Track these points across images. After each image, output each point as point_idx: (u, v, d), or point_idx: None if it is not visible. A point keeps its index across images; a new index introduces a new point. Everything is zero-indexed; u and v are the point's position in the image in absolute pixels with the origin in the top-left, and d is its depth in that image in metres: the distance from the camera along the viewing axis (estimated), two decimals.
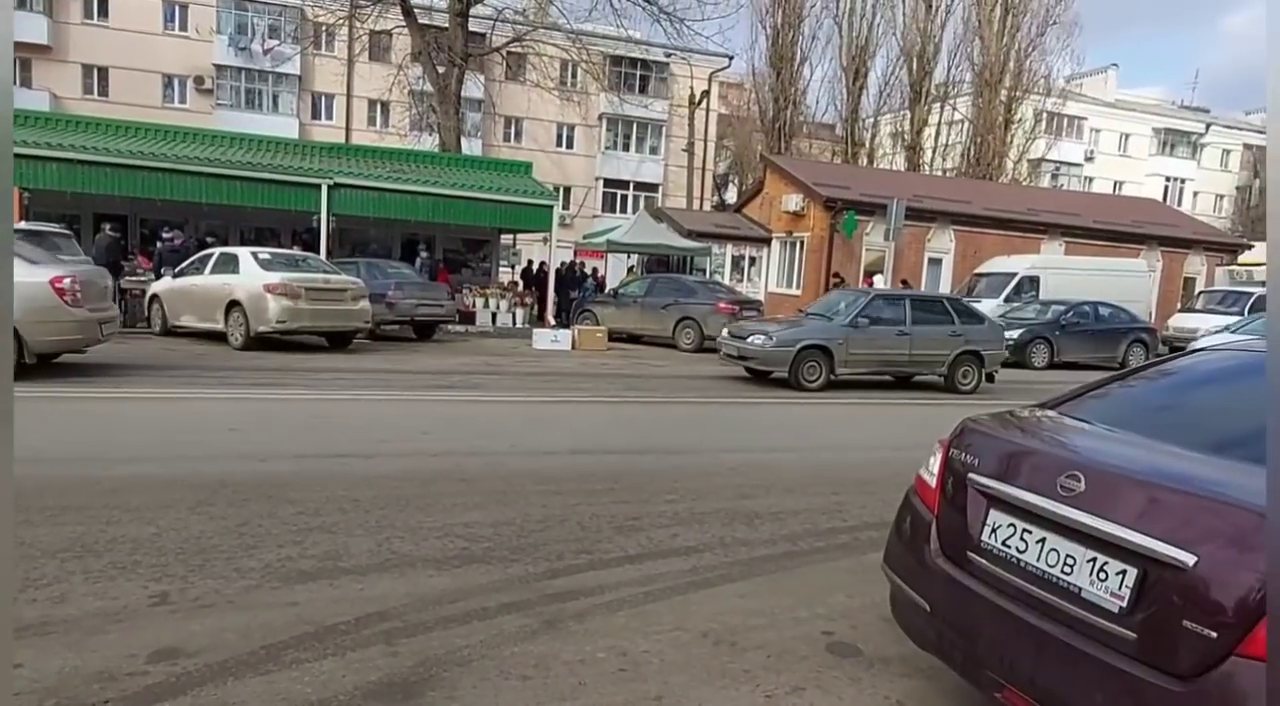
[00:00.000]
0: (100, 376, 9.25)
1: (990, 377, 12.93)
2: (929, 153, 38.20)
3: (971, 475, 2.58)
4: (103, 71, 32.82)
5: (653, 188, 39.53)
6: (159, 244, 16.49)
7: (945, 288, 24.45)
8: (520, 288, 21.64)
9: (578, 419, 8.77)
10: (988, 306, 19.71)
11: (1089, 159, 46.30)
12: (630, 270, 25.32)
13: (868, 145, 39.11)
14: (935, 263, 25.07)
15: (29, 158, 15.30)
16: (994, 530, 2.45)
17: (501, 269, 23.62)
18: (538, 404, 9.47)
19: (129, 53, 32.42)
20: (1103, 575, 2.07)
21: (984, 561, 2.46)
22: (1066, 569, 2.18)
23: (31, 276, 8.50)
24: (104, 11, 32.66)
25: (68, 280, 8.75)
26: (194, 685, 2.76)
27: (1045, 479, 2.30)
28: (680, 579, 4.02)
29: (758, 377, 12.25)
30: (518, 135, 38.15)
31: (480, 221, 19.27)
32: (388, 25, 24.36)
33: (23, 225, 13.66)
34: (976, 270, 22.59)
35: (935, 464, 2.84)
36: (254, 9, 33.71)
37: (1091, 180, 45.80)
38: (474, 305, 19.58)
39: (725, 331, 12.85)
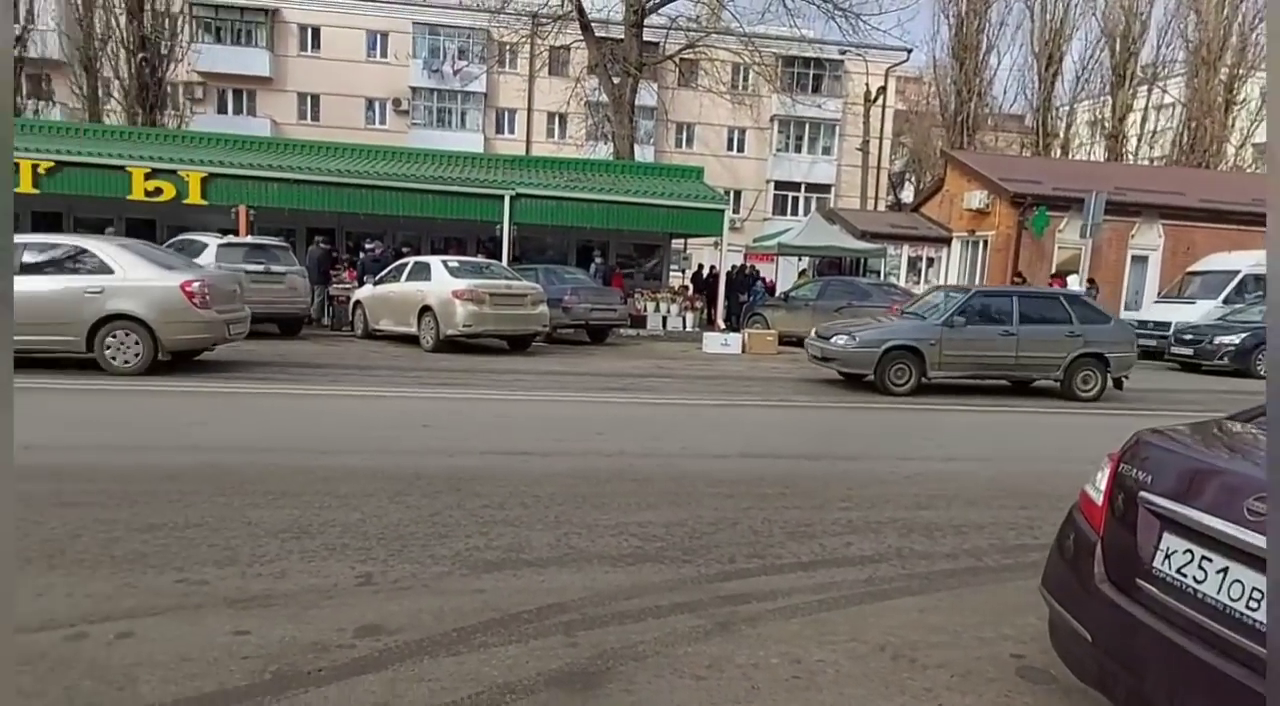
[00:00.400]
0: (311, 375, 10.20)
1: (1118, 384, 11.68)
2: (1133, 141, 34.96)
3: (1144, 493, 2.34)
4: (315, 98, 36.23)
5: (825, 189, 38.68)
6: (362, 254, 17.98)
7: (1152, 288, 22.26)
8: (690, 292, 21.81)
9: (748, 422, 8.71)
10: (1202, 308, 17.76)
11: None
12: (801, 273, 24.89)
13: (1062, 135, 36.33)
14: (1140, 261, 22.90)
15: (254, 178, 17.16)
16: (1168, 556, 2.22)
17: (672, 273, 23.92)
18: (709, 407, 9.50)
19: (337, 80, 35.61)
20: None
21: (1155, 589, 2.23)
22: (1252, 604, 1.93)
23: (165, 281, 9.53)
24: (316, 44, 36.06)
25: (196, 284, 9.59)
26: (394, 660, 2.97)
27: (1231, 501, 2.04)
28: (855, 589, 3.89)
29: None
30: (689, 140, 38.52)
31: (652, 227, 19.64)
32: (566, 40, 25.33)
33: (249, 239, 15.34)
34: (1189, 268, 20.37)
35: (1103, 479, 2.58)
36: (445, 33, 36.06)
37: None
38: (645, 309, 19.93)
39: (813, 332, 12.18)
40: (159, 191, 16.71)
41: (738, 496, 5.36)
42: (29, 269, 9.20)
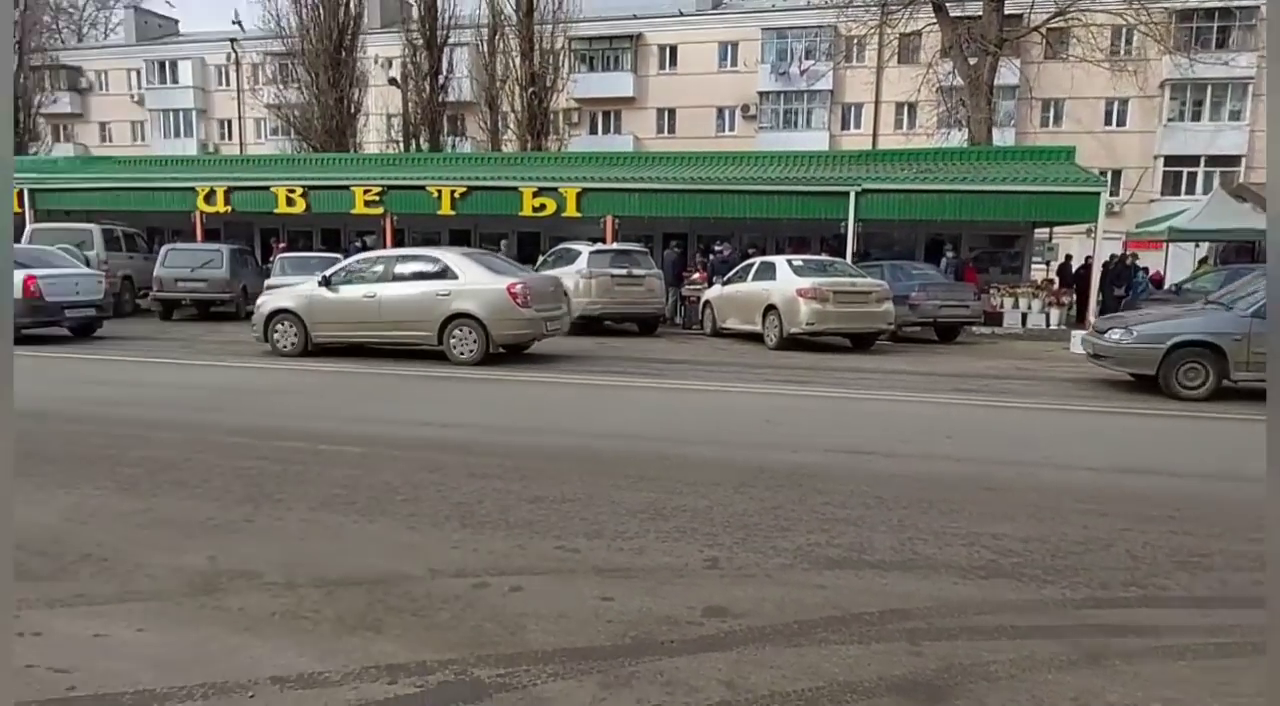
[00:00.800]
0: (665, 370, 10.97)
1: None
2: None
3: None
4: (671, 112, 38.74)
5: (1232, 161, 32.42)
6: (711, 256, 18.88)
7: None
8: (1056, 286, 19.65)
9: (1126, 432, 7.65)
10: None
11: None
12: (1202, 262, 21.15)
13: None
14: None
15: (619, 191, 18.86)
16: None
17: (1034, 266, 21.76)
18: (1076, 413, 8.50)
19: (691, 93, 37.73)
20: None
21: None
22: None
23: (494, 284, 10.94)
24: (674, 61, 38.53)
25: (519, 286, 10.88)
26: (738, 643, 3.11)
27: None
28: (1263, 636, 3.24)
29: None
30: (1057, 118, 34.68)
31: (1012, 216, 18.04)
32: (917, 25, 24.20)
33: (615, 246, 16.89)
34: None
35: None
36: (793, 35, 36.46)
37: None
38: (1001, 306, 18.37)
39: (1092, 325, 10.20)
40: (543, 207, 19.09)
41: (1112, 515, 4.75)
42: (400, 278, 11.36)
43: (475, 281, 11.05)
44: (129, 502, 4.76)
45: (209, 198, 20.87)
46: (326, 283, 11.63)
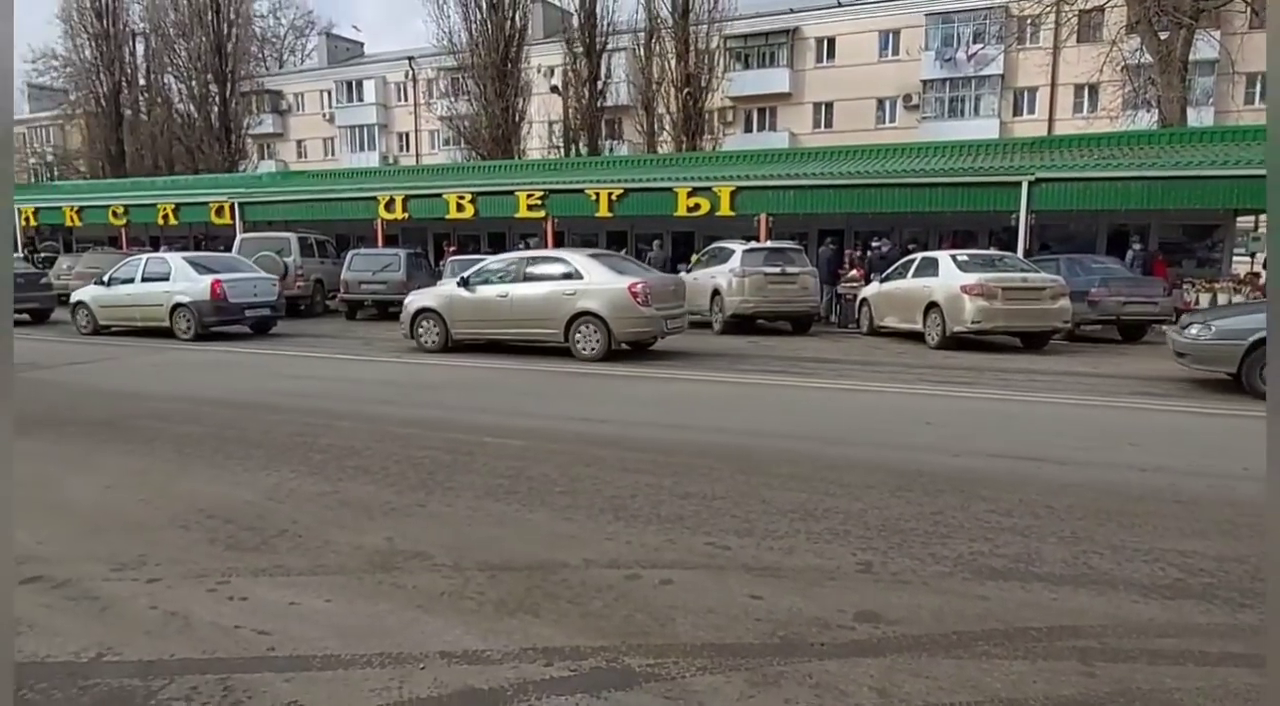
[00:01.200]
0: (819, 369, 10.76)
1: None
2: None
3: None
4: (828, 106, 37.85)
5: None
6: (868, 252, 18.32)
7: None
8: (1261, 280, 17.61)
9: None
10: None
11: None
12: None
13: None
14: None
15: (773, 188, 18.65)
16: None
17: (1236, 258, 19.63)
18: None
19: (850, 85, 36.69)
20: None
21: None
22: None
23: (616, 284, 11.35)
24: (831, 54, 37.61)
25: (640, 286, 11.24)
26: (892, 650, 3.03)
27: None
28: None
29: None
30: (1264, 94, 31.01)
31: (1209, 203, 16.31)
32: (1100, 1, 22.41)
33: (769, 244, 16.73)
34: None
35: None
36: (959, 19, 34.70)
37: None
38: (1196, 302, 16.70)
39: (1179, 320, 9.41)
40: (697, 207, 19.20)
41: None
42: (530, 278, 11.95)
43: (599, 281, 11.46)
44: (319, 485, 5.23)
45: (388, 206, 22.46)
46: (465, 283, 12.36)
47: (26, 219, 28.05)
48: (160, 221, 25.98)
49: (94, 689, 2.81)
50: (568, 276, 11.70)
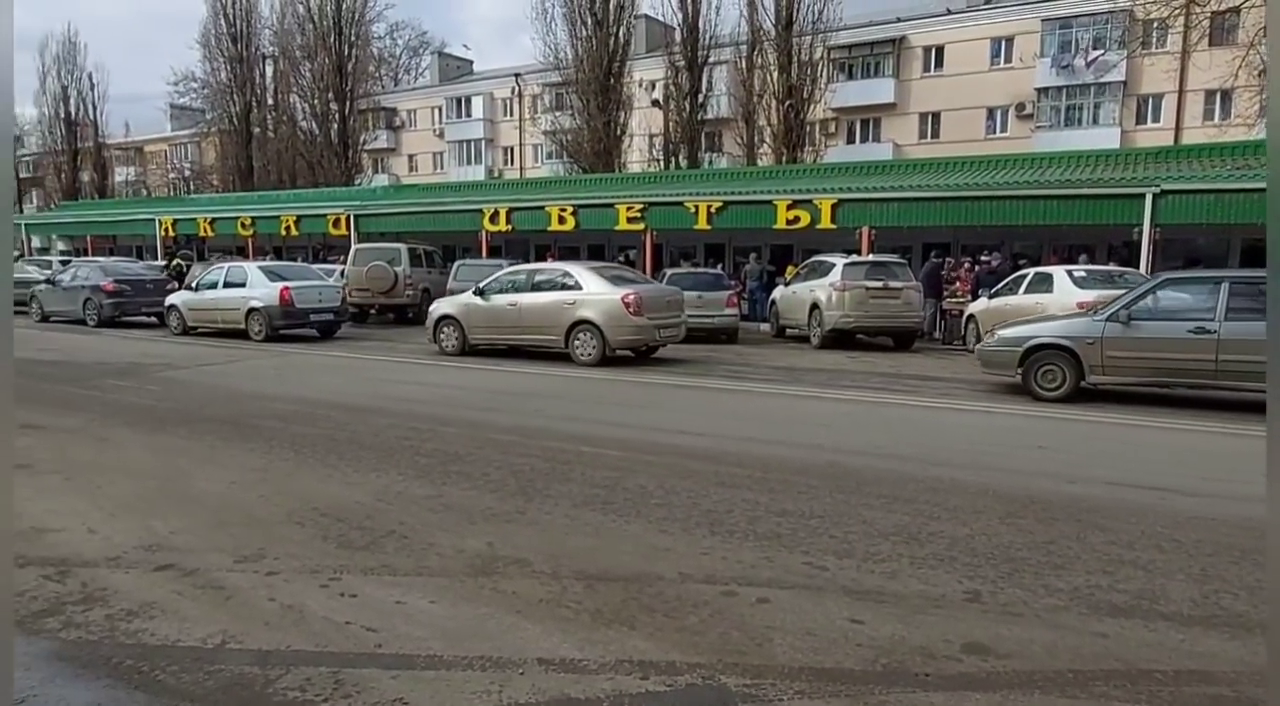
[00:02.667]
0: (921, 387, 10.43)
1: None
2: None
3: None
4: (935, 116, 36.79)
5: None
6: (976, 267, 17.67)
7: None
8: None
9: None
10: None
11: None
12: None
13: None
14: None
15: (876, 201, 18.25)
16: None
17: None
18: None
19: (958, 95, 35.59)
20: None
21: None
22: None
23: (611, 294, 12.14)
24: (939, 63, 36.59)
25: (633, 297, 12.07)
26: (1002, 686, 2.89)
27: None
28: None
29: None
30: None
31: None
32: (1234, 1, 21.04)
33: (871, 257, 16.37)
34: None
35: None
36: (1078, 24, 33.21)
37: None
38: None
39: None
40: (797, 219, 18.97)
41: None
42: (537, 288, 12.88)
43: (596, 292, 12.28)
44: (424, 488, 5.41)
45: (493, 217, 23.11)
46: (480, 293, 13.29)
47: (166, 229, 30.18)
48: (283, 232, 27.50)
49: (219, 674, 2.98)
50: (569, 287, 12.58)
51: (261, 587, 3.76)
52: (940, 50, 36.44)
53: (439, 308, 14.03)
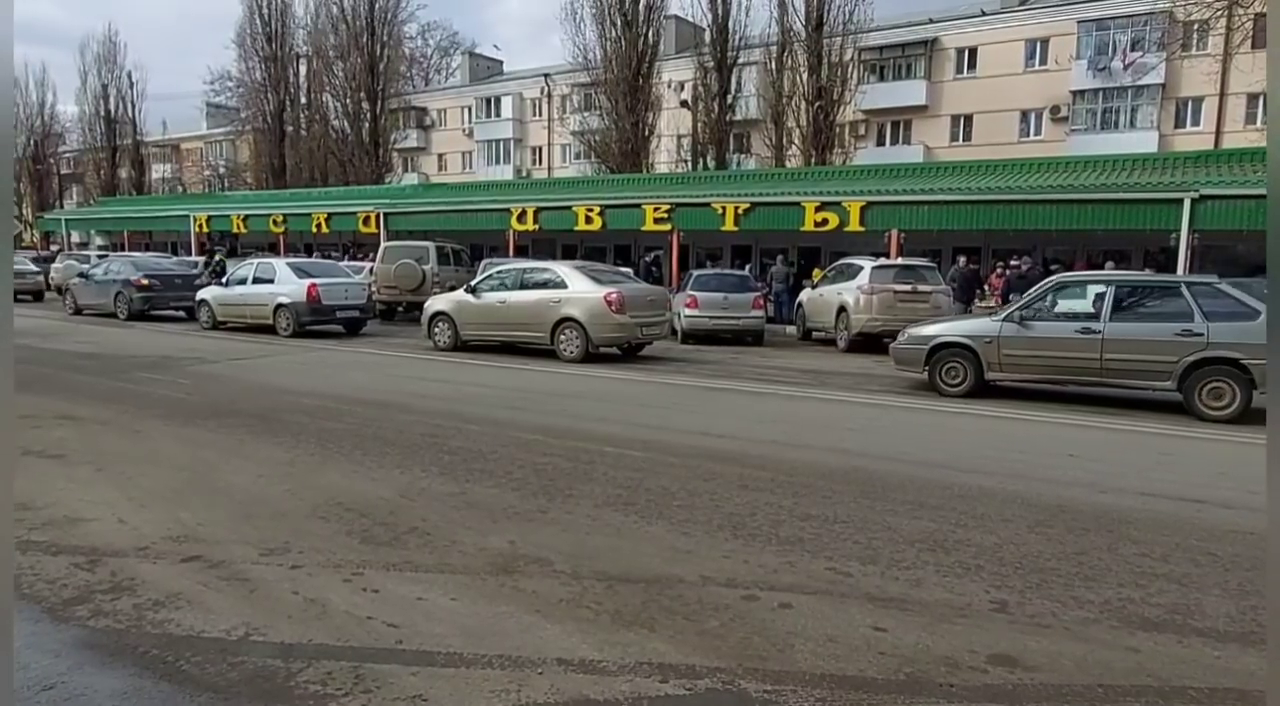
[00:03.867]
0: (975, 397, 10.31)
1: None
2: None
3: None
4: (967, 119, 36.36)
5: None
6: (1008, 271, 17.45)
7: None
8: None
9: None
10: None
11: None
12: None
13: None
14: None
15: (905, 203, 18.07)
16: None
17: None
18: None
19: (991, 97, 35.15)
20: None
21: None
22: None
23: (594, 293, 12.46)
24: (972, 65, 36.16)
25: (615, 295, 12.38)
26: (1029, 698, 2.83)
27: None
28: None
29: None
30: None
31: None
32: None
33: (900, 261, 16.21)
34: None
35: None
36: (1115, 26, 32.67)
37: None
38: None
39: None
40: (825, 221, 18.86)
41: None
42: (525, 286, 13.20)
43: (580, 291, 12.63)
44: (448, 485, 5.43)
45: (520, 217, 23.22)
46: (472, 290, 13.69)
47: (200, 225, 30.66)
48: (314, 230, 27.85)
49: (241, 666, 3.00)
50: (554, 285, 12.92)
51: (285, 581, 3.78)
52: (974, 52, 36.01)
53: (434, 304, 14.44)
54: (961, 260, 18.39)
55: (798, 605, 3.58)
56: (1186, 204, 15.25)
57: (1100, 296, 9.29)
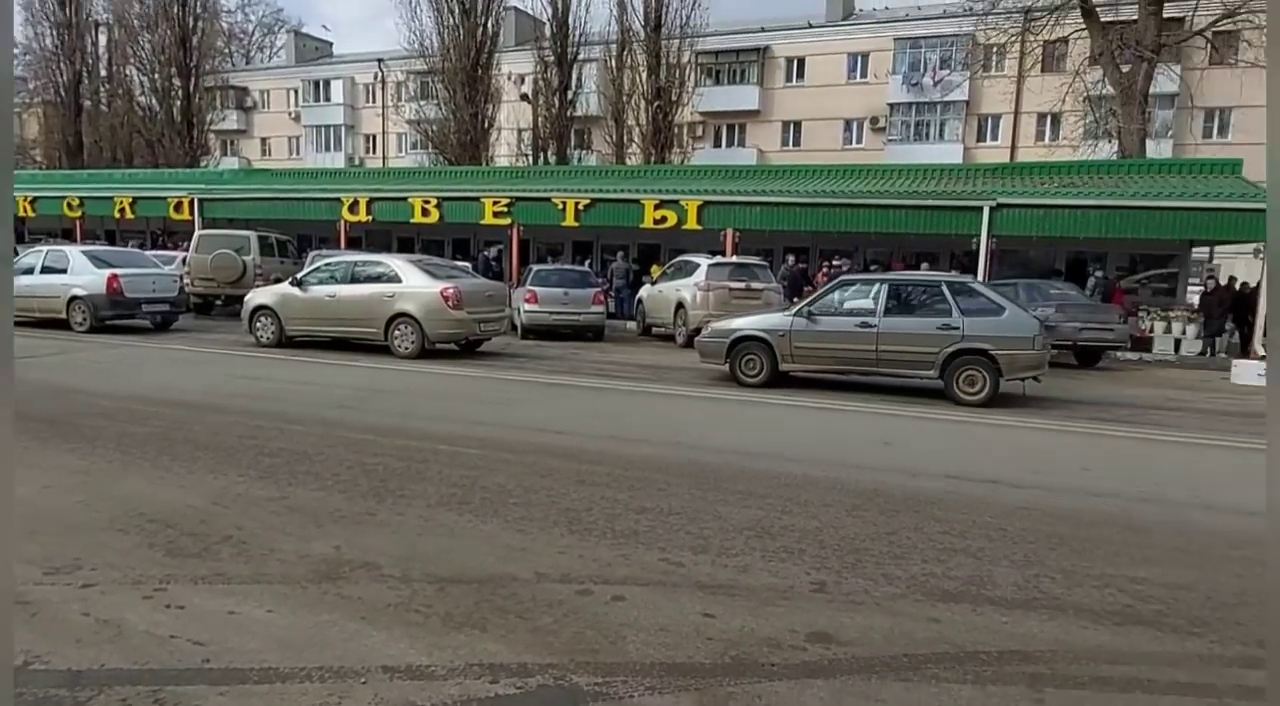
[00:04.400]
0: (776, 387, 10.82)
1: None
2: None
3: None
4: (796, 125, 38.28)
5: None
6: (830, 270, 18.48)
7: None
8: (1195, 310, 18.00)
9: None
10: None
11: None
12: None
13: None
14: None
15: (740, 204, 18.77)
16: None
17: (1191, 288, 20.17)
18: (1233, 449, 7.79)
19: (818, 106, 37.17)
20: None
21: None
22: None
23: (430, 287, 12.17)
24: (800, 74, 38.07)
25: (451, 290, 12.14)
26: (842, 672, 3.01)
27: None
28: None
29: None
30: (1221, 129, 32.08)
31: (1165, 234, 16.75)
32: (1064, 32, 22.99)
33: (734, 259, 16.82)
34: None
35: None
36: (927, 44, 35.36)
37: None
38: (1151, 330, 17.13)
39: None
40: (664, 219, 19.25)
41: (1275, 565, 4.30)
42: (356, 280, 12.73)
43: (415, 285, 12.29)
44: (267, 490, 5.09)
45: (352, 207, 22.18)
46: (298, 283, 13.12)
47: None
48: (116, 215, 25.38)
49: (20, 698, 2.68)
50: (388, 279, 12.55)
51: (75, 601, 3.42)
52: (802, 62, 37.93)
53: (254, 298, 13.60)
54: (791, 259, 19.35)
55: (631, 597, 3.62)
56: (986, 211, 16.75)
57: (877, 294, 10.14)
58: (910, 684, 2.93)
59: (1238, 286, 18.67)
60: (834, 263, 18.85)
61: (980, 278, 16.04)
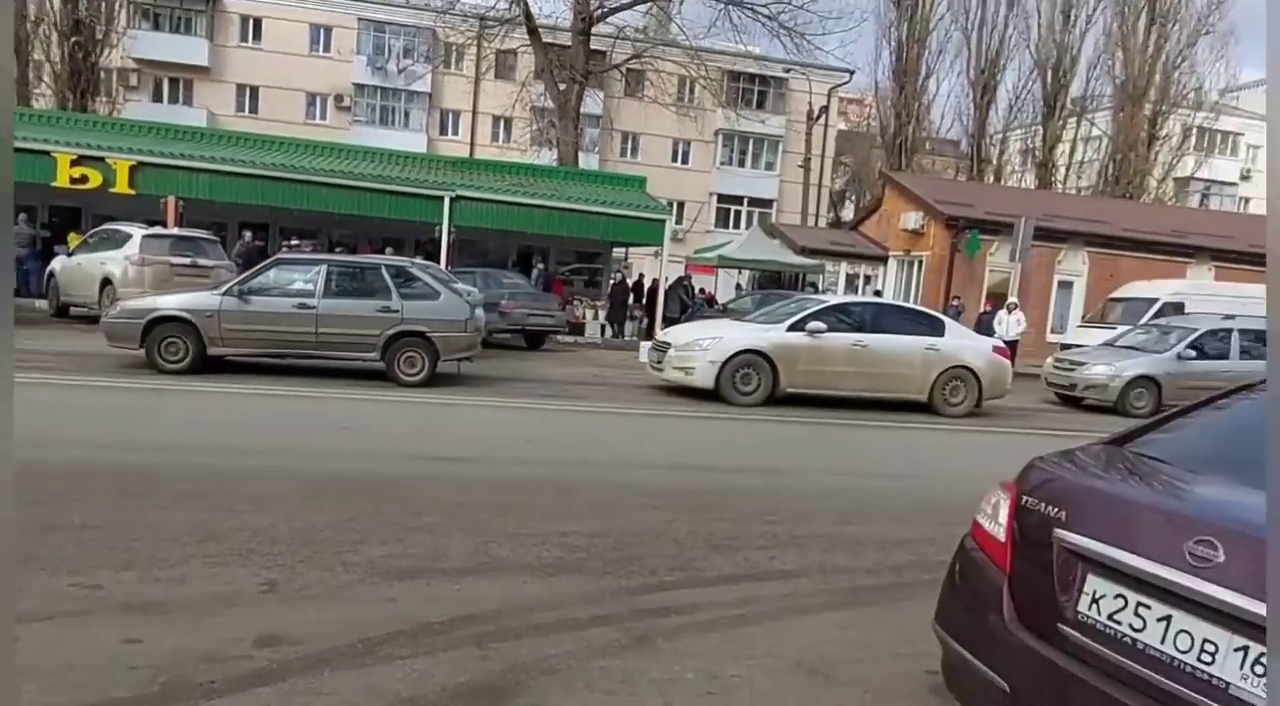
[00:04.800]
0: (231, 374, 9.89)
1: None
2: (1062, 170, 36.25)
3: (1059, 530, 2.15)
4: (254, 90, 35.29)
5: (767, 204, 39.20)
6: (286, 251, 17.51)
7: (1076, 313, 23.01)
8: (603, 302, 21.39)
9: (679, 433, 8.73)
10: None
11: (1245, 178, 42.81)
12: (738, 288, 25.09)
13: (995, 162, 37.49)
14: (1065, 286, 23.69)
15: (185, 169, 16.62)
16: (1094, 600, 2.03)
17: (613, 282, 23.95)
18: (640, 416, 9.49)
19: (278, 73, 34.75)
20: (1258, 668, 1.68)
21: (1083, 637, 2.03)
22: (1205, 657, 1.77)
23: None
24: (257, 35, 35.16)
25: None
26: (293, 673, 2.86)
27: (1167, 542, 1.88)
28: (777, 603, 3.90)
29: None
30: (634, 150, 38.58)
31: (594, 235, 19.61)
32: (513, 45, 25.21)
33: (176, 231, 14.85)
34: (1111, 295, 21.14)
35: (1002, 512, 2.41)
36: (390, 31, 35.54)
37: (1248, 200, 42.34)
38: (583, 317, 19.88)
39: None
40: (85, 179, 16.06)
41: (665, 509, 5.34)
42: None
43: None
44: None
45: None
46: None
47: None
48: None
49: None
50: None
51: None
52: (259, 22, 35.08)
53: None
54: (247, 235, 17.77)
55: (28, 637, 2.91)
56: (447, 201, 17.55)
57: (316, 276, 9.93)
58: (364, 669, 2.92)
59: (647, 283, 22.72)
60: (292, 242, 17.88)
61: (443, 265, 16.76)
